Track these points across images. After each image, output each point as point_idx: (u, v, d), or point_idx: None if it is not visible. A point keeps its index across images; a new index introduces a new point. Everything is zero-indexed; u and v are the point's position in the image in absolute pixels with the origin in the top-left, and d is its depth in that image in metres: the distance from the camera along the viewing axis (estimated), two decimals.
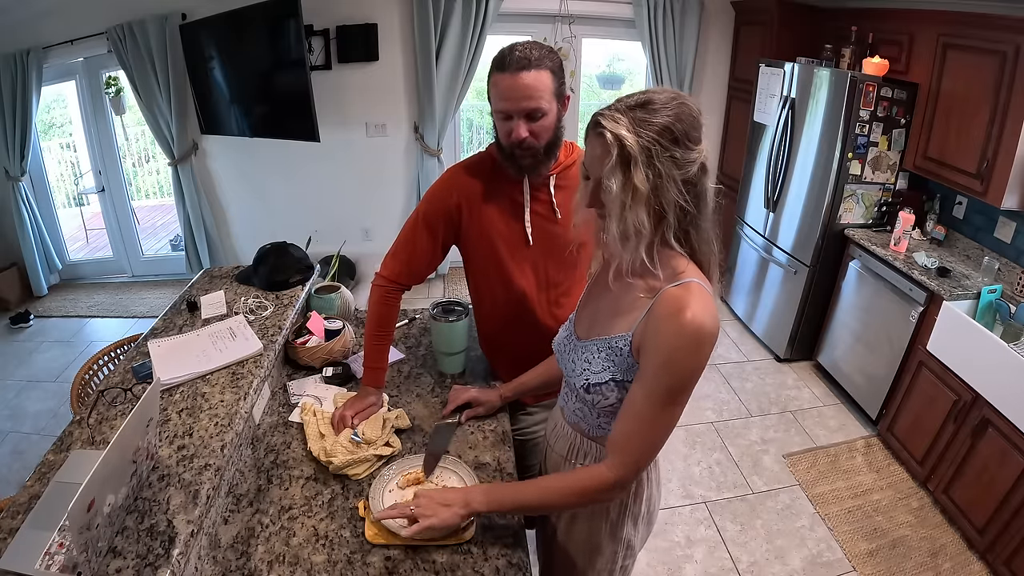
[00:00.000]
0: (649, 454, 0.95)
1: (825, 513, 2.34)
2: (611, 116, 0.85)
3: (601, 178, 0.86)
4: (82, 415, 1.24)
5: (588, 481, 0.95)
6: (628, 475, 0.94)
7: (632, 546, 1.16)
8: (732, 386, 3.17)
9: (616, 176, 0.84)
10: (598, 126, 0.86)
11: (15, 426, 2.83)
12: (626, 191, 0.84)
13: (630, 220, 0.85)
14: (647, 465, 0.97)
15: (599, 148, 0.86)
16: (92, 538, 0.84)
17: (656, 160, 0.83)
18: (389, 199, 4.22)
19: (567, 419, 1.13)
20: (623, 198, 0.84)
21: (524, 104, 1.19)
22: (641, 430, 0.92)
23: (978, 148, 2.35)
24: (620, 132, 0.83)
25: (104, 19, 3.49)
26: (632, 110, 0.85)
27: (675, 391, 0.89)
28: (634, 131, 0.83)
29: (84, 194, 5.11)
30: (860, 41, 2.95)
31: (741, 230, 3.70)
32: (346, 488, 1.22)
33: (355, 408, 1.38)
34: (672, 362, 0.87)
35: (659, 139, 0.83)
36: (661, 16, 3.79)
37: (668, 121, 0.84)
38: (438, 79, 3.73)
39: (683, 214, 0.88)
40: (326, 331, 1.69)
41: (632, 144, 0.83)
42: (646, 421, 0.91)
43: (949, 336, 2.30)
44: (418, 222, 1.38)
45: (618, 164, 0.84)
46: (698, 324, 0.85)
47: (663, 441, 0.94)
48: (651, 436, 0.93)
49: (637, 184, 0.83)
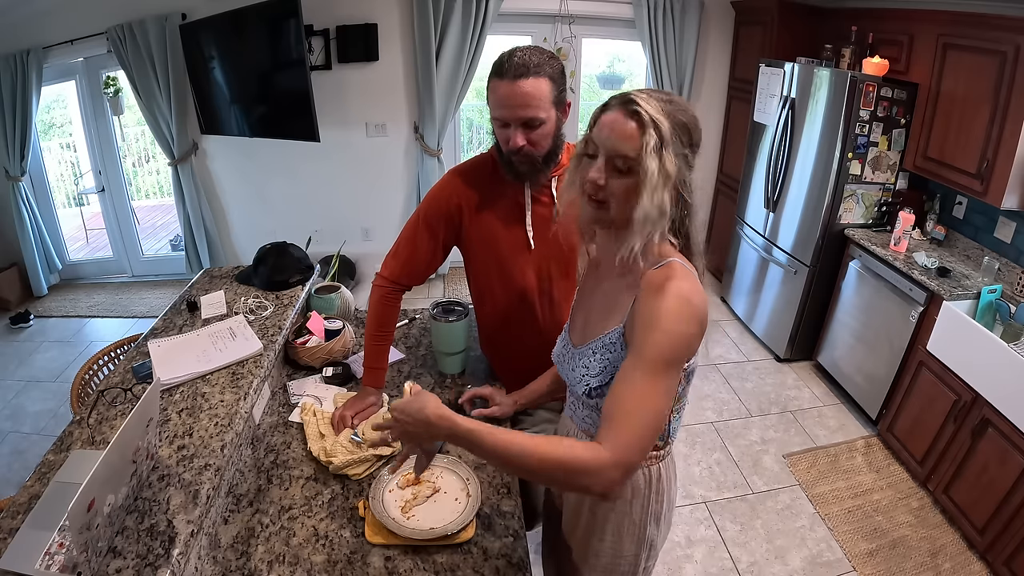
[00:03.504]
0: (645, 432, 0.84)
1: (825, 513, 2.34)
2: (645, 98, 0.86)
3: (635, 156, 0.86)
4: (82, 415, 1.24)
5: (582, 453, 0.81)
6: (625, 457, 0.82)
7: (655, 546, 1.14)
8: (732, 386, 3.17)
9: (653, 159, 0.84)
10: (631, 103, 0.86)
11: (15, 426, 2.83)
12: (660, 175, 0.85)
13: (657, 201, 0.85)
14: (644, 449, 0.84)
15: (631, 126, 0.86)
16: (92, 538, 0.84)
17: (679, 152, 0.87)
18: (389, 199, 4.22)
19: (579, 427, 1.10)
20: (656, 182, 0.85)
21: (521, 113, 1.18)
22: (634, 399, 0.84)
23: (978, 148, 2.35)
24: (656, 115, 0.85)
25: (104, 19, 3.49)
26: (660, 100, 0.87)
27: (668, 359, 0.85)
28: (668, 117, 0.86)
29: (84, 194, 5.11)
30: (860, 41, 2.95)
31: (741, 230, 3.70)
32: (346, 488, 1.22)
33: (355, 408, 1.38)
34: (662, 329, 0.85)
35: (681, 135, 0.87)
36: (661, 16, 3.79)
37: (687, 120, 0.88)
38: (438, 79, 3.73)
39: (682, 209, 0.91)
40: (326, 331, 1.69)
41: (667, 130, 0.85)
42: (639, 390, 0.84)
43: (949, 336, 2.30)
44: (419, 223, 1.38)
45: (653, 149, 0.84)
46: (684, 293, 0.86)
47: (658, 417, 0.85)
48: (645, 408, 0.84)
49: (669, 168, 0.85)
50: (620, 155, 0.87)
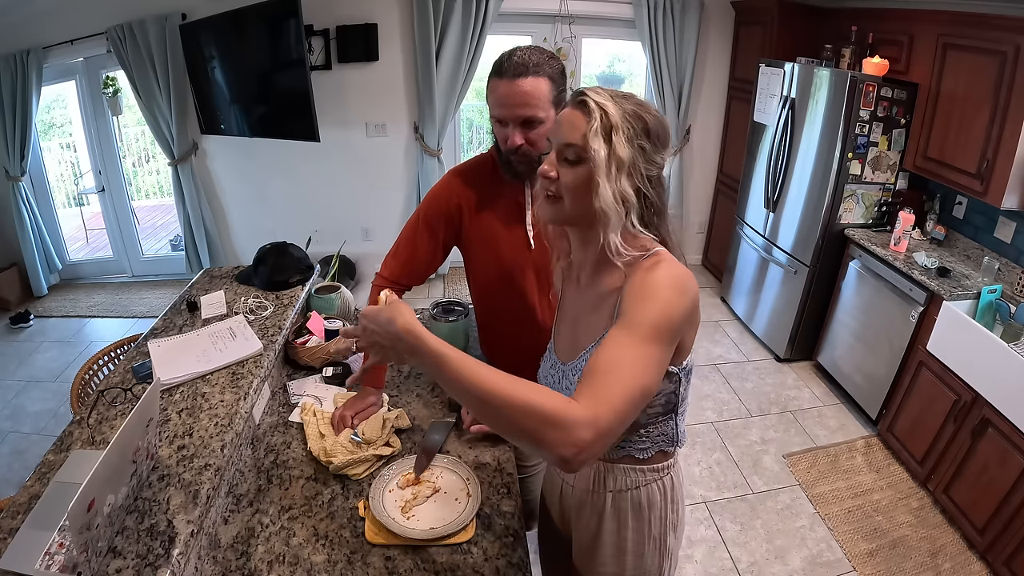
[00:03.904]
0: (626, 398, 0.74)
1: (825, 513, 2.34)
2: (595, 90, 0.86)
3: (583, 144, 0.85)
4: (82, 415, 1.24)
5: (555, 402, 0.71)
6: (601, 419, 0.71)
7: (675, 554, 1.13)
8: (732, 386, 3.17)
9: (600, 142, 0.83)
10: (581, 95, 0.86)
11: (15, 426, 2.83)
12: (611, 160, 0.83)
13: (612, 188, 0.84)
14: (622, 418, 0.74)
15: (579, 116, 0.86)
16: (92, 538, 0.84)
17: (632, 140, 0.85)
18: (389, 199, 4.22)
19: None
20: (609, 166, 0.84)
21: (519, 112, 1.18)
22: (618, 361, 0.76)
23: (978, 148, 2.35)
24: (603, 102, 0.84)
25: (104, 19, 3.49)
26: (615, 94, 0.87)
27: (658, 326, 0.80)
28: (617, 105, 0.85)
29: (84, 194, 5.11)
30: (860, 41, 2.95)
31: (741, 230, 3.70)
32: (346, 488, 1.22)
33: (355, 408, 1.38)
34: (653, 298, 0.82)
35: (634, 123, 0.85)
36: (661, 16, 3.79)
37: (643, 112, 0.87)
38: (438, 79, 3.73)
39: (649, 206, 0.90)
40: (326, 331, 1.69)
41: (615, 114, 0.83)
42: (626, 354, 0.77)
43: (949, 336, 2.30)
44: (419, 223, 1.38)
45: (600, 131, 0.83)
46: (676, 273, 0.85)
47: (643, 390, 0.77)
48: (629, 373, 0.76)
49: (620, 154, 0.83)
50: (568, 144, 0.86)
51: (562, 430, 0.70)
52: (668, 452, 1.04)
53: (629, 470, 1.03)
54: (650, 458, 1.02)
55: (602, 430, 0.71)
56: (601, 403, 0.72)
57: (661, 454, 1.03)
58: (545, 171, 0.90)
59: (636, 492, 1.04)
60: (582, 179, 0.86)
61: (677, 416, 1.01)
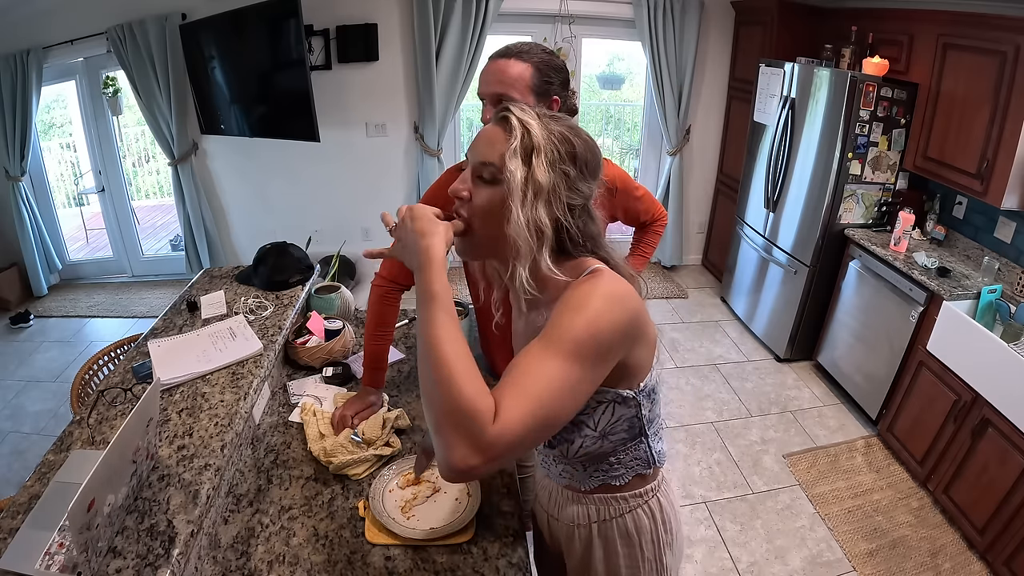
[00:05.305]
0: (531, 412, 0.67)
1: (825, 513, 2.34)
2: (519, 106, 0.81)
3: (500, 164, 0.77)
4: (82, 415, 1.24)
5: (482, 400, 0.66)
6: (505, 421, 0.65)
7: (674, 568, 1.09)
8: (732, 386, 3.17)
9: (517, 163, 0.76)
10: (504, 111, 0.80)
11: (15, 426, 2.83)
12: (527, 184, 0.76)
13: (527, 215, 0.76)
14: (527, 433, 0.67)
15: (499, 133, 0.79)
16: (92, 538, 0.84)
17: (555, 164, 0.78)
18: (389, 199, 4.22)
19: (558, 483, 1.02)
20: (525, 190, 0.76)
21: (493, 88, 1.19)
22: (527, 370, 0.70)
23: (978, 148, 2.35)
24: (528, 120, 0.78)
25: (104, 19, 3.49)
26: (544, 114, 0.81)
27: (580, 342, 0.71)
28: (543, 124, 0.79)
29: (84, 194, 5.11)
30: (860, 41, 2.95)
31: (741, 230, 3.70)
32: (346, 488, 1.22)
33: (355, 408, 1.38)
34: (579, 309, 0.73)
35: (559, 146, 0.78)
36: (661, 16, 3.79)
37: (572, 135, 0.80)
38: (438, 79, 3.73)
39: (569, 237, 0.82)
40: (326, 331, 1.69)
41: (538, 134, 0.77)
42: (540, 366, 0.70)
43: (949, 336, 2.30)
44: None
45: (519, 151, 0.76)
46: (610, 286, 0.76)
47: (550, 403, 0.69)
48: (535, 382, 0.68)
49: (539, 178, 0.76)
50: (484, 162, 0.80)
51: (471, 417, 0.65)
52: (646, 475, 0.98)
53: (609, 499, 0.98)
54: (627, 484, 0.96)
55: (495, 451, 0.66)
56: (510, 411, 0.66)
57: (639, 478, 0.97)
58: (457, 189, 0.82)
59: (621, 520, 0.99)
60: (495, 200, 0.79)
61: (648, 439, 0.94)
